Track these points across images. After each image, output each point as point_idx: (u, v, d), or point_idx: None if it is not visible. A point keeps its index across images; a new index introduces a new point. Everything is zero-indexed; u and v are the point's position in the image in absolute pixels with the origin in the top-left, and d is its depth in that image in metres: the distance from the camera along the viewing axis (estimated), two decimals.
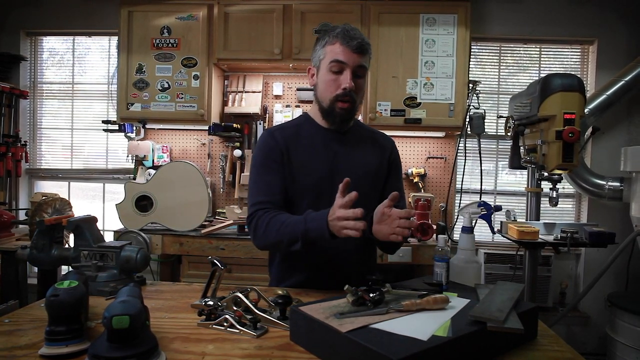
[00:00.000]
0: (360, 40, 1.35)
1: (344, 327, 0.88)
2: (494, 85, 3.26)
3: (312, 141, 1.46)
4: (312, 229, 1.24)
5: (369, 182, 1.47)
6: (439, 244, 1.24)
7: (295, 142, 1.45)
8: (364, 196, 1.39)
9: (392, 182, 1.54)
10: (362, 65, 1.38)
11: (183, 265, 2.72)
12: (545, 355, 0.97)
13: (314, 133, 1.47)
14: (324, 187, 1.41)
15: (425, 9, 2.81)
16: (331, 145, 1.46)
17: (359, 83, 1.39)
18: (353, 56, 1.35)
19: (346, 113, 1.41)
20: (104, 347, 0.83)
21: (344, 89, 1.36)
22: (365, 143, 1.52)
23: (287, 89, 3.25)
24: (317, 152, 1.44)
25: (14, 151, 3.26)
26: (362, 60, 1.37)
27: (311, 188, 1.42)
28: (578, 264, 3.22)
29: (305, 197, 1.42)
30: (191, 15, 2.91)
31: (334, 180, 1.40)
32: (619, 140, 3.08)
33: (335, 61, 1.36)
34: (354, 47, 1.34)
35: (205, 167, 3.25)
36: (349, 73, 1.36)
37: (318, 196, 1.41)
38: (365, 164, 1.48)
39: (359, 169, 1.45)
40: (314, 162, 1.43)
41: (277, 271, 1.51)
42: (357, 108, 1.44)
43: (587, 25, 3.10)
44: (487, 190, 3.24)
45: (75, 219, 1.38)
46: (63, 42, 3.52)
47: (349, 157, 1.46)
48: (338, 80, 1.37)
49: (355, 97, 1.39)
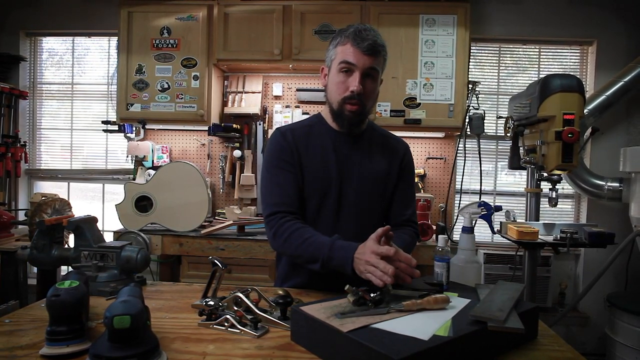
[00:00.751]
0: (372, 41, 1.30)
1: (345, 327, 0.89)
2: (493, 86, 3.27)
3: (323, 143, 1.43)
4: (336, 257, 1.21)
5: (377, 188, 1.45)
6: (440, 244, 1.24)
7: (305, 143, 1.43)
8: (371, 202, 1.40)
9: (402, 188, 1.49)
10: (373, 67, 1.33)
11: (183, 266, 2.72)
12: (546, 355, 0.97)
13: (325, 135, 1.45)
14: (331, 190, 1.40)
15: (425, 10, 2.81)
16: (341, 148, 1.43)
17: (370, 86, 1.35)
18: (363, 58, 1.31)
19: (355, 116, 1.37)
20: (105, 347, 0.83)
21: (352, 92, 1.32)
22: (377, 147, 1.48)
23: (287, 90, 3.25)
24: (326, 155, 1.42)
25: (14, 151, 3.25)
26: (373, 62, 1.32)
27: (318, 190, 1.41)
28: (577, 265, 3.22)
29: (312, 198, 1.41)
30: (191, 16, 2.92)
31: (342, 184, 1.41)
32: (618, 140, 3.09)
33: (344, 62, 1.33)
34: (364, 48, 1.30)
35: (205, 168, 3.25)
36: (358, 75, 1.32)
37: (324, 199, 1.40)
38: (375, 169, 1.44)
39: (368, 174, 1.43)
40: (322, 164, 1.41)
41: (283, 270, 1.51)
42: (367, 111, 1.40)
43: (586, 26, 3.11)
44: (487, 190, 3.24)
45: (75, 219, 1.38)
46: (62, 43, 3.52)
47: (358, 162, 1.43)
48: (347, 82, 1.34)
49: (364, 100, 1.35)
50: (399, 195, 1.47)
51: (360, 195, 1.41)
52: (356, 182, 1.41)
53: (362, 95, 1.34)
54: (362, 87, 1.32)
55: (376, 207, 1.45)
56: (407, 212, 1.49)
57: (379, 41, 1.33)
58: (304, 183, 1.40)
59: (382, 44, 1.34)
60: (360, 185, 1.41)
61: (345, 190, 1.41)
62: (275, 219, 1.34)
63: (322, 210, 1.40)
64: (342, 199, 1.41)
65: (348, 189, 1.41)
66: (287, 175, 1.38)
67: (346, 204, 1.41)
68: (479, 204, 1.61)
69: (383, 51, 1.36)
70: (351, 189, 1.41)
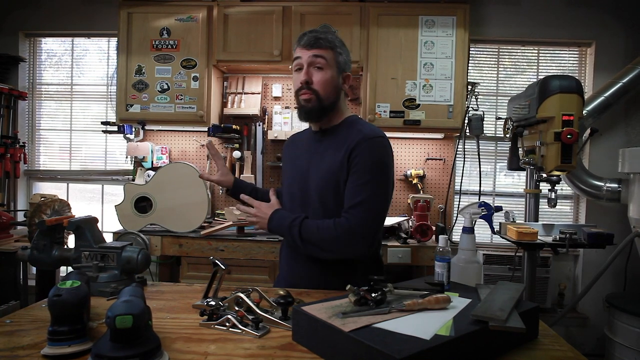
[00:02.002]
0: (312, 37, 1.40)
1: (347, 327, 0.89)
2: (492, 87, 3.28)
3: (301, 145, 1.56)
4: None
5: (332, 182, 1.39)
6: (440, 244, 1.25)
7: (290, 149, 1.62)
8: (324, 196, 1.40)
9: (350, 180, 1.36)
10: (317, 55, 1.39)
11: (182, 267, 2.71)
12: (547, 355, 0.97)
13: (306, 137, 1.56)
14: (295, 188, 1.49)
15: (424, 11, 2.82)
16: (311, 147, 1.51)
17: (319, 75, 1.40)
18: (305, 51, 1.40)
19: (308, 104, 1.41)
20: (108, 347, 0.83)
21: (301, 83, 1.41)
22: (337, 140, 1.42)
23: (287, 91, 3.25)
24: (299, 156, 1.53)
25: (13, 152, 3.24)
26: (316, 52, 1.40)
27: (287, 190, 1.55)
28: (576, 265, 3.23)
29: (286, 198, 1.55)
30: (191, 17, 2.92)
31: (304, 181, 1.47)
32: (616, 141, 3.10)
33: (294, 59, 1.44)
34: (304, 43, 1.40)
35: (205, 169, 3.25)
36: (305, 67, 1.40)
37: (292, 197, 1.51)
38: (331, 161, 1.39)
39: (325, 167, 1.41)
40: (294, 165, 1.54)
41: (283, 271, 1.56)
42: (324, 101, 1.41)
43: (585, 28, 3.12)
44: (486, 191, 3.25)
45: (76, 219, 1.38)
46: (62, 44, 3.52)
47: (320, 156, 1.45)
48: (299, 77, 1.43)
49: (315, 88, 1.40)
50: (347, 186, 1.36)
51: (319, 189, 1.42)
52: (316, 176, 1.44)
53: (311, 84, 1.40)
54: (310, 77, 1.40)
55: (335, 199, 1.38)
56: (347, 203, 1.35)
57: (322, 36, 1.41)
58: (283, 185, 1.59)
59: (325, 37, 1.41)
60: (318, 179, 1.43)
61: (306, 187, 1.46)
62: None
63: (294, 205, 1.49)
64: (305, 195, 1.46)
65: (309, 185, 1.45)
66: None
67: (310, 199, 1.45)
68: (479, 205, 1.61)
69: (328, 44, 1.41)
70: (311, 183, 1.44)
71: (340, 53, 1.44)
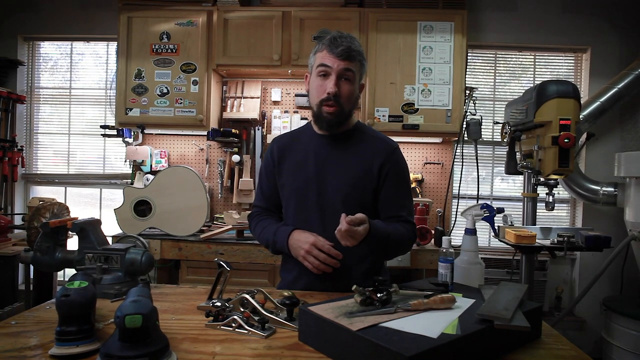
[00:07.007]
0: (346, 47, 1.37)
1: (354, 326, 0.90)
2: (489, 92, 3.31)
3: (305, 147, 1.51)
4: (278, 241, 1.45)
5: (356, 188, 1.44)
6: (444, 245, 1.26)
7: (289, 150, 1.54)
8: (348, 203, 1.42)
9: (387, 188, 1.46)
10: (348, 69, 1.39)
11: (182, 270, 2.71)
12: (551, 354, 0.99)
13: (309, 139, 1.53)
14: (309, 192, 1.47)
15: (423, 17, 2.85)
16: (321, 150, 1.49)
17: (346, 88, 1.40)
18: (338, 61, 1.38)
19: (332, 117, 1.42)
20: (117, 347, 0.84)
21: (328, 94, 1.38)
22: (357, 148, 1.48)
23: (286, 95, 3.27)
24: (307, 158, 1.49)
25: (11, 156, 3.23)
26: (347, 65, 1.39)
27: (296, 192, 1.50)
28: (573, 269, 3.25)
29: (292, 200, 1.51)
30: (190, 21, 2.93)
31: (319, 185, 1.46)
32: (612, 146, 3.13)
33: (321, 65, 1.40)
34: (338, 53, 1.37)
35: (203, 173, 3.25)
36: (334, 78, 1.38)
37: (303, 200, 1.48)
38: (353, 169, 1.45)
39: (344, 173, 1.44)
40: (302, 167, 1.49)
41: (285, 274, 1.56)
42: (346, 112, 1.44)
43: (581, 34, 3.16)
44: (484, 195, 3.27)
45: (80, 221, 1.38)
46: (60, 48, 3.52)
47: (335, 162, 1.46)
48: (324, 85, 1.40)
49: (341, 101, 1.40)
50: (384, 194, 1.45)
51: (339, 195, 1.43)
52: (334, 182, 1.45)
53: (339, 97, 1.39)
54: (338, 89, 1.39)
55: (359, 207, 1.41)
56: (396, 211, 1.46)
57: (354, 47, 1.40)
58: (286, 186, 1.52)
59: (357, 49, 1.41)
60: (338, 185, 1.44)
61: (324, 191, 1.45)
62: (252, 215, 1.62)
63: (305, 211, 1.47)
64: (322, 200, 1.45)
65: (327, 190, 1.45)
66: (267, 182, 1.57)
67: (328, 205, 1.44)
68: (481, 206, 1.63)
69: (358, 56, 1.42)
70: (330, 189, 1.45)
71: (364, 65, 1.46)
